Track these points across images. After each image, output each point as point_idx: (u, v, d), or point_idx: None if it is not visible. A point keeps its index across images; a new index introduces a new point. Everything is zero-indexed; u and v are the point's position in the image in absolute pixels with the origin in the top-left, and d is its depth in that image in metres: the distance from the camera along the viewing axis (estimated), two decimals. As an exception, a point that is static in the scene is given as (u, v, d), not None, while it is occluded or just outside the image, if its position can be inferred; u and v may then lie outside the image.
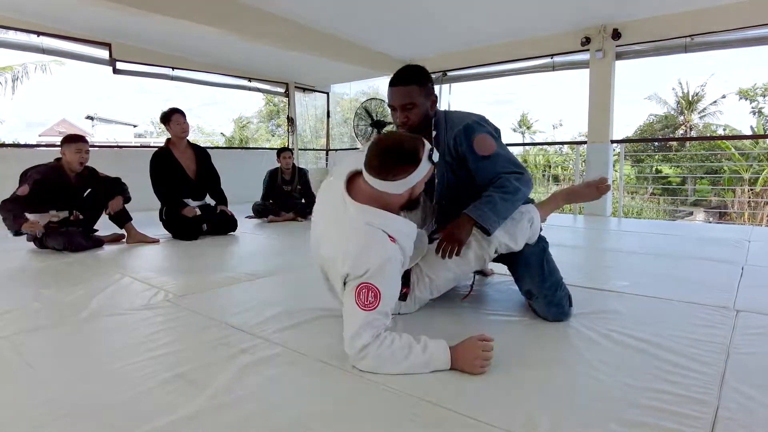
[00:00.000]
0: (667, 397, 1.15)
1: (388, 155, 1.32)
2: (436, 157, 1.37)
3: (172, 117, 3.59)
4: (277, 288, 2.24)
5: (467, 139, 1.65)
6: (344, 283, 1.34)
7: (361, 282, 1.27)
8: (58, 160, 3.20)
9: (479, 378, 1.25)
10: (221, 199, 3.87)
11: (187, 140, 3.74)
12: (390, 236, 1.33)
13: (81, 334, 1.62)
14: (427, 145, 1.35)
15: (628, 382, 1.23)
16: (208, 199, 3.90)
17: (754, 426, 1.03)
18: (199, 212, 3.67)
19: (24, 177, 3.09)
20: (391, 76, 1.68)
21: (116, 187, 3.37)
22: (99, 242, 3.25)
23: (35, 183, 3.02)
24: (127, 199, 3.42)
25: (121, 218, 3.37)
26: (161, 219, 3.64)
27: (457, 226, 1.57)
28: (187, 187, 3.67)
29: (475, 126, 1.67)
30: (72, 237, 3.06)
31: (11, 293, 2.17)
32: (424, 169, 1.34)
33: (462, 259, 1.64)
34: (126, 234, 3.39)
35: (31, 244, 3.20)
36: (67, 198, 3.21)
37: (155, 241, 3.38)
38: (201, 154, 3.80)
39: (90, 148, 3.30)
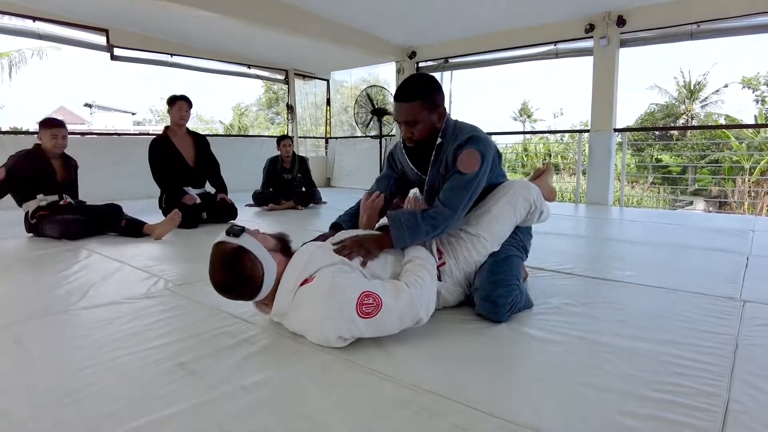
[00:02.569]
0: (676, 389, 1.13)
1: (232, 292, 1.39)
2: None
3: (176, 103, 3.55)
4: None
5: (461, 147, 1.57)
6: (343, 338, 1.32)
7: (353, 318, 1.27)
8: (37, 145, 3.16)
9: (484, 369, 1.23)
10: (221, 186, 3.84)
11: (186, 128, 3.70)
12: (306, 280, 1.35)
13: (81, 323, 1.61)
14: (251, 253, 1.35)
15: (635, 373, 1.21)
16: (208, 187, 3.86)
17: (767, 419, 1.01)
18: (198, 200, 3.63)
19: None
20: (397, 84, 1.57)
21: (114, 214, 3.22)
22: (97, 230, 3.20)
23: (11, 168, 3.01)
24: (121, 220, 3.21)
25: (135, 230, 3.16)
26: (161, 207, 3.61)
27: (375, 241, 1.53)
28: (186, 175, 3.64)
29: (477, 141, 1.57)
30: (68, 225, 3.02)
31: (9, 281, 2.15)
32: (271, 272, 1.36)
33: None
34: (151, 234, 3.12)
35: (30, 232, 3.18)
36: (52, 182, 3.18)
37: (177, 219, 3.16)
38: (200, 141, 3.76)
39: (69, 135, 3.25)
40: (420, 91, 1.55)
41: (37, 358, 1.33)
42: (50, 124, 3.14)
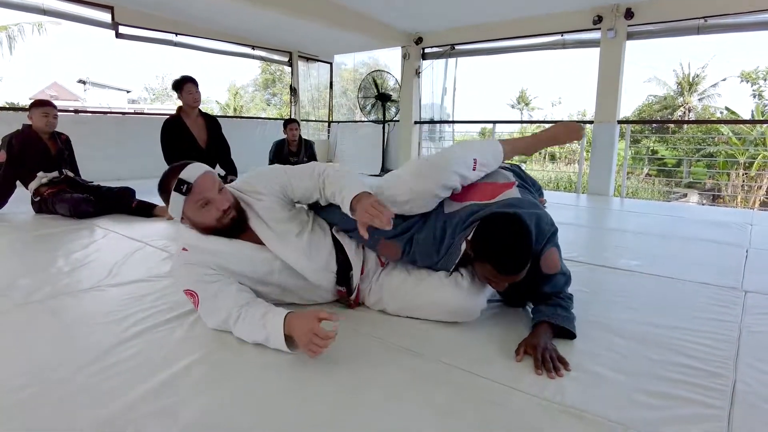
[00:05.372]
0: (686, 371, 1.22)
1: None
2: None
3: (184, 86, 3.55)
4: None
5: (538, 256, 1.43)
6: None
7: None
8: (27, 126, 3.21)
9: (508, 350, 1.30)
10: (231, 169, 3.87)
11: (199, 109, 3.72)
12: (183, 248, 1.48)
13: (112, 299, 1.66)
14: (177, 179, 1.36)
15: (648, 355, 1.30)
16: (218, 169, 3.89)
17: (771, 398, 1.10)
18: (209, 182, 3.66)
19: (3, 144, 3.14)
20: (497, 260, 1.26)
21: (125, 197, 3.28)
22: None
23: (9, 149, 3.08)
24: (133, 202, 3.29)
25: (146, 210, 3.23)
26: (171, 187, 3.63)
27: (537, 337, 1.32)
28: (198, 157, 3.65)
29: (550, 240, 1.45)
30: (77, 203, 3.05)
31: (31, 259, 2.20)
32: (177, 201, 1.38)
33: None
34: (163, 215, 3.15)
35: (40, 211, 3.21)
36: (48, 158, 3.23)
37: None
38: (212, 123, 3.78)
39: (59, 113, 3.31)
40: (529, 258, 1.30)
41: (75, 332, 1.39)
42: (42, 102, 3.24)
